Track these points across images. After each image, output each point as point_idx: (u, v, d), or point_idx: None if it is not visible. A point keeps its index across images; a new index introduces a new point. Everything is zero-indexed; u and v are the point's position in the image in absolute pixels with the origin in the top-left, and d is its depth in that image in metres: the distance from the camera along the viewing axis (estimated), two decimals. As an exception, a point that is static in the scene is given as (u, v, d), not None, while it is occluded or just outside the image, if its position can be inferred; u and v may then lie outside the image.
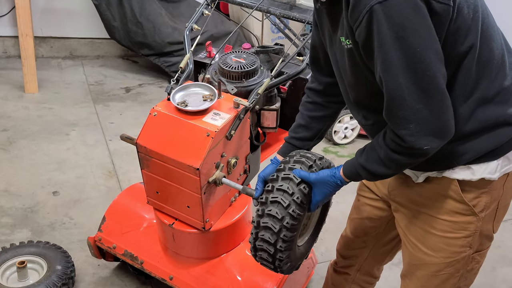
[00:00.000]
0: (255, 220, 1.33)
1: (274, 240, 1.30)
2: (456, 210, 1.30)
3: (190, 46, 1.83)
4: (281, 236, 1.29)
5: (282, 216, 1.28)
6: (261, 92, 1.67)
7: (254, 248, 1.38)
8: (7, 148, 3.02)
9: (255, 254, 1.39)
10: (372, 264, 1.75)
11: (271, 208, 1.29)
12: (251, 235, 1.36)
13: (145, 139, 1.64)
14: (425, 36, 1.03)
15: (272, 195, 1.30)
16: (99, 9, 3.83)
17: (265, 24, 3.78)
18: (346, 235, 1.73)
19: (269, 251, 1.33)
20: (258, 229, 1.33)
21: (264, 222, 1.30)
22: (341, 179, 1.29)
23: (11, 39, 4.06)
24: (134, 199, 2.10)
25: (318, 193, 1.31)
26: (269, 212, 1.29)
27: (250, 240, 1.38)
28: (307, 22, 1.85)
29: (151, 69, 4.20)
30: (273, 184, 1.31)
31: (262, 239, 1.33)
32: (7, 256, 2.11)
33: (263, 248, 1.34)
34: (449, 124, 1.11)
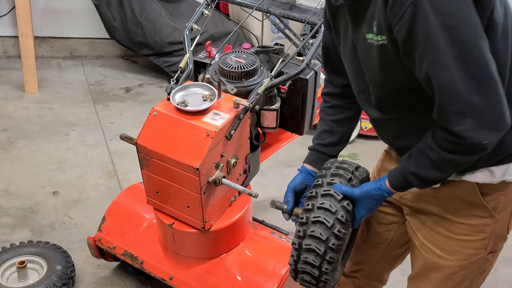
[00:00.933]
0: (296, 242, 1.26)
1: (319, 263, 1.23)
2: (474, 213, 1.27)
3: (190, 46, 1.83)
4: (327, 258, 1.22)
5: (327, 237, 1.20)
6: (261, 92, 1.67)
7: (295, 271, 1.30)
8: (7, 148, 3.02)
9: (296, 276, 1.32)
10: (382, 269, 1.71)
11: (314, 229, 1.21)
12: (291, 257, 1.28)
13: (145, 139, 1.64)
14: (474, 23, 0.99)
15: (314, 214, 1.22)
16: (99, 9, 3.83)
17: (265, 24, 3.78)
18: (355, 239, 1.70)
19: (313, 273, 1.26)
20: (300, 251, 1.25)
21: (307, 244, 1.22)
22: (387, 191, 1.23)
23: (11, 39, 4.06)
24: (134, 199, 2.10)
25: (363, 208, 1.26)
26: (312, 233, 1.21)
27: (290, 262, 1.30)
28: (307, 22, 1.85)
29: (151, 69, 4.20)
30: (313, 202, 1.23)
31: (305, 262, 1.25)
32: (7, 256, 2.11)
33: (306, 271, 1.26)
34: (506, 114, 1.05)
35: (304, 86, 1.83)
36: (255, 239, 1.97)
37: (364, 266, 1.70)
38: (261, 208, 2.77)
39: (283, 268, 1.82)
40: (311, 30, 1.87)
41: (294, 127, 1.97)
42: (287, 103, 1.89)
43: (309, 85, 1.84)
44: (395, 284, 2.38)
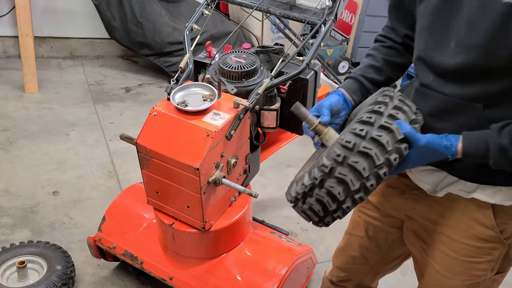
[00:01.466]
0: (327, 165, 1.05)
1: (343, 198, 1.06)
2: (482, 236, 1.21)
3: (190, 46, 1.83)
4: (355, 197, 1.05)
5: (368, 175, 1.03)
6: (261, 92, 1.67)
7: (305, 195, 1.11)
8: (7, 148, 3.02)
9: (303, 201, 1.12)
10: (373, 279, 1.69)
11: (358, 160, 1.03)
12: (311, 178, 1.08)
13: (145, 139, 1.64)
14: None
15: (364, 144, 1.03)
16: (99, 9, 3.83)
17: (265, 24, 3.78)
18: (346, 250, 1.63)
19: (329, 206, 1.08)
20: (327, 177, 1.06)
21: (342, 173, 1.04)
22: (454, 153, 1.07)
23: (11, 39, 4.06)
24: (134, 199, 2.10)
25: (417, 159, 1.09)
26: (354, 164, 1.03)
27: (306, 183, 1.10)
28: (307, 22, 1.85)
29: (151, 69, 4.20)
30: (368, 129, 1.04)
31: (327, 191, 1.06)
32: (7, 256, 2.11)
33: (323, 201, 1.08)
34: None
35: (304, 86, 1.83)
36: (255, 239, 1.97)
37: (354, 277, 1.67)
38: (261, 208, 2.77)
39: (283, 268, 1.82)
40: (311, 30, 1.87)
41: (294, 127, 1.97)
42: (287, 103, 1.89)
43: (309, 85, 1.84)
44: (395, 284, 2.39)
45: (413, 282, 1.54)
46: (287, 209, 2.80)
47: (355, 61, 5.04)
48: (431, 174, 1.24)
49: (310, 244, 2.51)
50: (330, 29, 1.79)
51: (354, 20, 4.95)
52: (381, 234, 1.51)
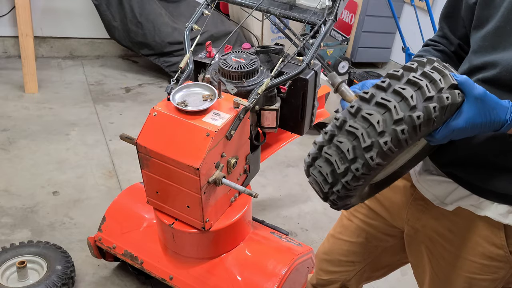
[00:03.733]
0: (338, 116, 0.88)
1: (352, 157, 0.86)
2: (490, 254, 1.17)
3: (190, 46, 1.83)
4: (366, 156, 0.85)
5: (382, 131, 0.83)
6: (261, 92, 1.67)
7: (316, 156, 0.93)
8: (7, 148, 3.02)
9: (314, 166, 0.94)
10: (357, 284, 1.63)
11: (373, 112, 0.84)
12: (325, 135, 0.90)
13: (145, 139, 1.64)
14: None
15: (385, 95, 0.85)
16: (99, 9, 3.83)
17: (265, 24, 3.78)
18: (331, 253, 1.58)
19: (338, 168, 0.89)
20: (339, 131, 0.88)
21: (353, 126, 0.86)
22: (510, 123, 0.91)
23: (11, 39, 4.07)
24: (134, 199, 2.10)
25: (469, 116, 0.88)
26: (368, 116, 0.85)
27: (317, 141, 0.92)
28: (307, 22, 1.85)
29: (151, 69, 4.20)
30: (392, 82, 0.87)
31: (337, 148, 0.88)
32: (7, 256, 2.11)
33: (331, 160, 0.89)
34: None
35: (304, 86, 1.83)
36: (255, 239, 1.97)
37: (337, 280, 1.62)
38: (261, 208, 2.77)
39: (283, 268, 1.82)
40: (311, 30, 1.87)
41: (294, 127, 1.97)
42: (287, 103, 1.89)
43: (309, 85, 1.84)
44: (395, 284, 2.39)
45: (413, 282, 1.54)
46: (287, 209, 2.80)
47: (355, 61, 5.04)
48: (440, 184, 1.20)
49: (310, 244, 2.51)
50: (330, 29, 1.79)
51: (354, 20, 4.95)
52: (374, 241, 1.48)
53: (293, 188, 2.98)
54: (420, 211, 1.29)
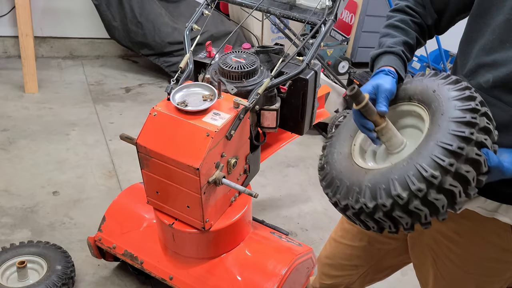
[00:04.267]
0: (436, 175, 0.90)
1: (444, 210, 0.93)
2: (497, 257, 1.16)
3: (190, 46, 1.83)
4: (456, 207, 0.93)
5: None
6: (261, 92, 1.67)
7: (393, 207, 0.94)
8: (7, 148, 3.02)
9: (387, 214, 0.96)
10: (361, 286, 1.64)
11: (469, 170, 0.91)
12: (403, 187, 0.92)
13: (145, 139, 1.64)
14: None
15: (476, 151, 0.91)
16: (99, 9, 3.83)
17: (265, 24, 3.78)
18: (334, 257, 1.58)
19: (425, 219, 0.94)
20: (432, 188, 0.91)
21: (452, 184, 0.91)
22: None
23: (11, 39, 4.07)
24: (134, 199, 2.10)
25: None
26: (466, 173, 0.91)
27: (402, 194, 0.92)
28: (307, 22, 1.85)
29: (151, 69, 4.20)
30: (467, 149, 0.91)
31: (431, 203, 0.92)
32: (7, 256, 2.11)
33: (421, 214, 0.94)
34: None
35: (304, 86, 1.83)
36: (255, 239, 1.97)
37: (340, 284, 1.62)
38: (261, 208, 2.77)
39: (283, 268, 1.82)
40: (311, 30, 1.87)
41: (294, 127, 1.97)
42: (287, 103, 1.89)
43: (309, 85, 1.84)
44: (395, 284, 2.39)
45: (414, 282, 1.54)
46: (287, 209, 2.80)
47: (355, 61, 5.04)
48: None
49: (310, 244, 2.51)
50: (330, 29, 1.79)
51: (354, 20, 4.95)
52: (377, 244, 1.48)
53: (293, 188, 2.98)
54: None
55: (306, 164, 3.16)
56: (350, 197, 1.00)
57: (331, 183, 1.06)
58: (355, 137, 1.16)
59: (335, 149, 1.14)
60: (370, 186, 0.96)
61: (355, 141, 1.16)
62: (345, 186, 1.02)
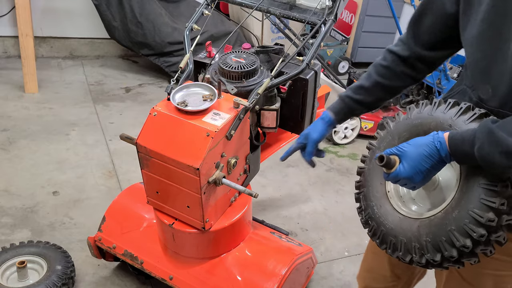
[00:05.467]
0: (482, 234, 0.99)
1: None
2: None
3: (190, 46, 1.83)
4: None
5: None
6: (261, 92, 1.67)
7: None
8: (7, 148, 3.02)
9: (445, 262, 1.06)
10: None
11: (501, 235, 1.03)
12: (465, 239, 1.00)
13: (145, 139, 1.64)
14: None
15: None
16: (99, 9, 3.83)
17: (265, 24, 3.78)
18: (374, 270, 1.58)
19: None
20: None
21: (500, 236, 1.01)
22: (441, 139, 1.02)
23: (11, 39, 4.07)
24: (134, 199, 2.10)
25: (410, 156, 1.04)
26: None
27: (467, 244, 1.01)
28: (307, 22, 1.85)
29: (151, 69, 4.20)
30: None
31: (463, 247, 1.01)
32: (7, 256, 2.11)
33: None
34: None
35: (304, 86, 1.83)
36: (255, 239, 1.97)
37: None
38: (261, 208, 2.77)
39: (283, 268, 1.82)
40: (311, 30, 1.87)
41: (294, 127, 1.97)
42: (287, 103, 1.89)
43: (309, 85, 1.84)
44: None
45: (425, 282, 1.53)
46: (287, 209, 2.80)
47: (355, 61, 5.04)
48: None
49: (310, 244, 2.51)
50: (330, 29, 1.79)
51: (354, 20, 4.96)
52: None
53: (293, 188, 2.98)
54: None
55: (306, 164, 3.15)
56: (413, 254, 1.05)
57: (385, 240, 1.11)
58: (386, 183, 1.20)
59: (372, 202, 1.18)
60: (430, 241, 1.02)
61: (388, 187, 1.20)
62: (402, 243, 1.07)
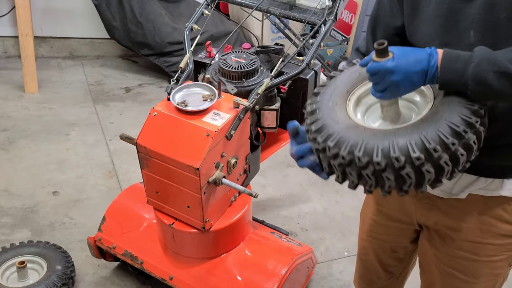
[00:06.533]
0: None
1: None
2: (504, 232, 1.20)
3: (190, 46, 1.83)
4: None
5: None
6: (261, 92, 1.67)
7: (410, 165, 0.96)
8: (7, 148, 3.02)
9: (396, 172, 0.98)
10: (401, 286, 1.65)
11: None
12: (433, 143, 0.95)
13: (145, 139, 1.65)
14: None
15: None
16: (99, 9, 3.83)
17: (265, 24, 3.78)
18: (368, 274, 1.59)
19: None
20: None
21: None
22: (434, 53, 0.97)
23: (11, 39, 4.06)
24: (134, 199, 2.10)
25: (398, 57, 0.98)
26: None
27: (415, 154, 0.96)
28: (307, 22, 1.85)
29: (151, 69, 4.20)
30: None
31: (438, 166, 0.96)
32: (7, 256, 2.11)
33: (425, 176, 0.98)
34: None
35: (304, 86, 1.83)
36: (255, 239, 1.97)
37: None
38: (261, 208, 2.77)
39: (283, 268, 1.82)
40: (311, 30, 1.87)
41: (294, 127, 1.97)
42: (287, 103, 1.89)
43: (309, 85, 1.84)
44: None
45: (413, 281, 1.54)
46: (287, 209, 2.80)
47: (355, 61, 5.03)
48: None
49: (310, 244, 2.51)
50: (330, 29, 1.79)
51: (354, 20, 4.95)
52: (402, 238, 1.48)
53: (293, 188, 2.98)
54: (428, 209, 1.29)
55: (306, 164, 3.16)
56: (343, 147, 1.01)
57: (322, 129, 1.07)
58: (352, 93, 1.17)
59: (330, 99, 1.15)
60: (368, 143, 0.99)
61: (350, 97, 1.17)
62: (338, 136, 1.04)
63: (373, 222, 1.47)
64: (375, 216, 1.46)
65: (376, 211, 1.45)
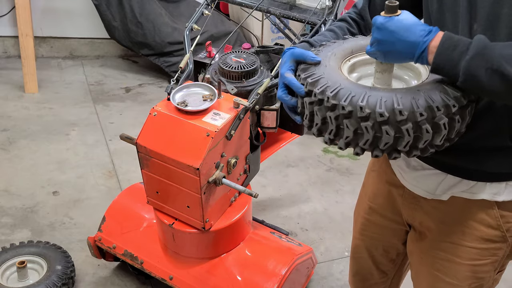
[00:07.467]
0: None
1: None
2: (487, 237, 1.18)
3: (190, 46, 1.83)
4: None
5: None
6: (261, 92, 1.67)
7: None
8: (7, 148, 3.02)
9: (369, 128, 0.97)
10: (399, 281, 1.64)
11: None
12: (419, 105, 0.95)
13: (145, 139, 1.65)
14: None
15: None
16: (99, 9, 3.83)
17: (265, 24, 3.78)
18: (361, 272, 1.59)
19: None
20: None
21: None
22: (429, 29, 0.95)
23: (11, 39, 4.06)
24: (134, 199, 2.10)
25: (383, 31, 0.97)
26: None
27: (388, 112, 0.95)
28: (307, 22, 1.85)
29: (151, 69, 4.20)
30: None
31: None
32: (7, 256, 2.11)
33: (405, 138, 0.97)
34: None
35: (304, 86, 1.83)
36: (255, 239, 1.97)
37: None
38: (261, 208, 2.77)
39: (283, 268, 1.82)
40: (311, 30, 1.87)
41: (294, 127, 1.97)
42: (287, 103, 1.89)
43: (309, 85, 1.83)
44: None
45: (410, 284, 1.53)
46: (287, 209, 2.80)
47: (355, 61, 5.03)
48: (428, 177, 1.20)
49: (310, 244, 2.51)
50: (330, 29, 1.79)
51: (354, 20, 4.95)
52: (393, 250, 1.49)
53: (293, 188, 2.98)
54: (412, 209, 1.29)
55: (306, 164, 3.15)
56: (343, 98, 0.98)
57: (319, 82, 1.03)
58: (348, 59, 1.15)
59: (328, 58, 1.12)
60: (371, 96, 0.97)
61: (346, 63, 1.14)
62: (339, 88, 1.00)
63: (365, 221, 1.48)
64: (367, 215, 1.46)
65: (368, 210, 1.46)
